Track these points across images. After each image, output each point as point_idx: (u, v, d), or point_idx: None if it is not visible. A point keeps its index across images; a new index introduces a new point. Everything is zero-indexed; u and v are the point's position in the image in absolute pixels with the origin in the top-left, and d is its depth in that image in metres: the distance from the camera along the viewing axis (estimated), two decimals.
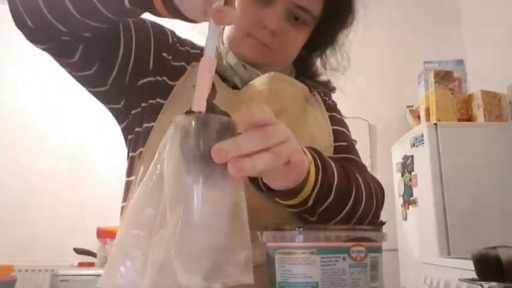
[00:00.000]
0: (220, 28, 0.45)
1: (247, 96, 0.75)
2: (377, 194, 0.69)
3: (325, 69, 0.89)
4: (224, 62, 0.78)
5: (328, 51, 0.87)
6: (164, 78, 0.75)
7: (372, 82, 2.98)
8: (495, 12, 2.58)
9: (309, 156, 0.56)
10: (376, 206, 0.68)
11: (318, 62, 0.91)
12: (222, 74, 0.78)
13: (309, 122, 0.77)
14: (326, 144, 0.76)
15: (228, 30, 0.79)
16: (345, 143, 0.81)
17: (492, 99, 2.21)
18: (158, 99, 0.73)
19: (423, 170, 2.08)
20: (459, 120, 2.20)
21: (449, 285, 1.33)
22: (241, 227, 0.42)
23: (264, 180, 0.54)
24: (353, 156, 0.80)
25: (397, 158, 2.41)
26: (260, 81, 0.75)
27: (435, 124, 2.07)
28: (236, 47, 0.77)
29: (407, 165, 2.25)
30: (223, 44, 0.80)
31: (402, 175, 2.31)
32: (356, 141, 0.85)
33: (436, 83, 2.23)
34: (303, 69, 0.88)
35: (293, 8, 0.74)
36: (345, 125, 0.85)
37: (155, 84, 0.74)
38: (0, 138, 3.07)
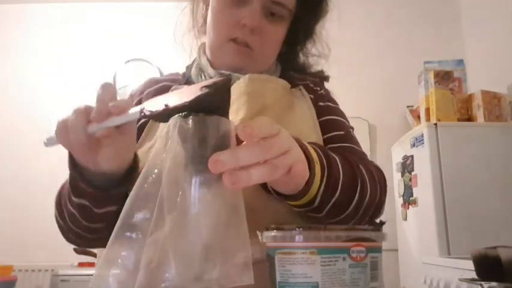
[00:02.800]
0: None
1: None
2: (379, 180, 0.69)
3: (307, 57, 0.91)
4: (204, 77, 0.80)
5: (308, 44, 0.89)
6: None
7: (372, 82, 2.98)
8: (495, 12, 2.58)
9: (315, 155, 0.56)
10: (380, 194, 0.68)
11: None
12: None
13: (296, 116, 0.77)
14: (313, 137, 0.76)
15: (209, 39, 0.80)
16: (341, 132, 0.80)
17: (492, 99, 2.21)
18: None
19: (423, 170, 2.08)
20: (459, 120, 2.20)
21: (449, 285, 1.33)
22: (240, 228, 0.42)
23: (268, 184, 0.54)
24: (351, 145, 0.80)
25: (397, 158, 2.41)
26: (238, 85, 0.76)
27: (435, 124, 2.07)
28: (218, 53, 0.79)
29: (407, 165, 2.26)
30: (204, 56, 0.83)
31: (402, 175, 2.31)
32: (353, 128, 0.84)
33: (436, 83, 2.23)
34: (289, 64, 0.89)
35: (269, 4, 0.75)
36: (340, 113, 0.85)
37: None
38: (0, 138, 3.07)
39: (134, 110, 0.46)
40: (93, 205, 0.60)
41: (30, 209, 2.91)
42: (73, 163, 0.57)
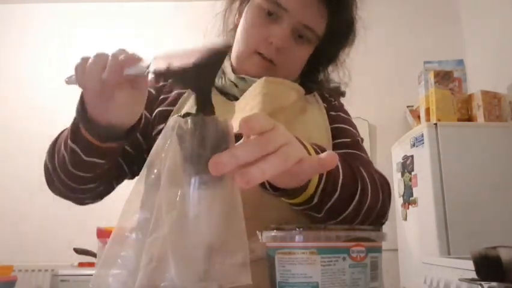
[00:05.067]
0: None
1: (242, 104, 0.78)
2: (382, 186, 0.69)
3: (328, 82, 0.93)
4: (224, 79, 0.83)
5: (330, 68, 0.92)
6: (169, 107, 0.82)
7: (372, 82, 2.98)
8: (495, 12, 2.58)
9: (312, 151, 0.56)
10: (383, 198, 0.68)
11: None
12: (221, 89, 0.83)
13: (307, 120, 0.79)
14: (323, 142, 0.77)
15: (236, 47, 0.83)
16: (348, 139, 0.82)
17: (492, 99, 2.21)
18: (167, 107, 0.81)
19: (423, 170, 2.08)
20: (459, 120, 2.20)
21: (449, 285, 1.33)
22: (238, 227, 0.42)
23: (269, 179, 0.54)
24: (357, 152, 0.81)
25: (397, 158, 2.41)
26: (253, 88, 0.78)
27: (435, 124, 2.07)
28: (244, 63, 0.81)
29: (407, 165, 2.25)
30: (228, 61, 0.85)
31: (402, 175, 2.31)
32: (362, 139, 0.85)
33: (436, 83, 2.22)
34: (308, 79, 0.90)
35: (299, 27, 0.78)
36: (351, 124, 0.87)
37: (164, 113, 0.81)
38: (1, 137, 3.07)
39: (145, 65, 0.48)
40: (83, 152, 0.62)
41: (30, 209, 2.91)
42: (82, 107, 0.59)
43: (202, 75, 0.43)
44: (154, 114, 0.81)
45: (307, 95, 0.84)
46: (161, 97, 0.84)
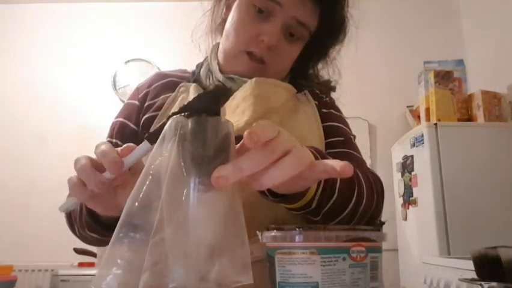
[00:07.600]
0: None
1: (233, 105, 0.76)
2: (376, 186, 0.69)
3: (318, 78, 0.92)
4: (212, 79, 0.82)
5: (320, 65, 0.90)
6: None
7: (372, 82, 2.98)
8: (495, 13, 2.58)
9: (312, 156, 0.55)
10: (377, 198, 0.68)
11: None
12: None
13: (300, 120, 0.79)
14: (316, 141, 0.77)
15: (225, 44, 0.81)
16: (341, 138, 0.81)
17: (492, 99, 2.21)
18: (153, 113, 0.81)
19: (423, 170, 2.08)
20: (459, 120, 2.20)
21: (449, 285, 1.33)
22: (238, 228, 0.42)
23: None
24: (350, 150, 0.80)
25: (397, 158, 2.41)
26: (244, 89, 0.77)
27: (435, 124, 2.07)
28: (232, 61, 0.80)
29: (407, 165, 2.26)
30: (215, 60, 0.84)
31: (402, 175, 2.31)
32: (354, 136, 0.85)
33: (436, 83, 2.23)
34: (298, 75, 0.90)
35: (292, 22, 0.76)
36: (343, 121, 0.86)
37: (151, 119, 0.80)
38: (1, 137, 3.07)
39: (140, 145, 0.47)
40: (105, 236, 0.64)
41: (30, 209, 2.91)
42: (90, 212, 0.60)
43: (208, 101, 0.43)
44: (141, 122, 0.81)
45: (298, 93, 0.84)
46: (146, 104, 0.82)
